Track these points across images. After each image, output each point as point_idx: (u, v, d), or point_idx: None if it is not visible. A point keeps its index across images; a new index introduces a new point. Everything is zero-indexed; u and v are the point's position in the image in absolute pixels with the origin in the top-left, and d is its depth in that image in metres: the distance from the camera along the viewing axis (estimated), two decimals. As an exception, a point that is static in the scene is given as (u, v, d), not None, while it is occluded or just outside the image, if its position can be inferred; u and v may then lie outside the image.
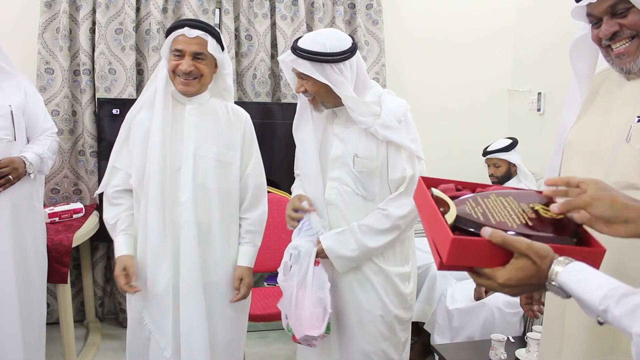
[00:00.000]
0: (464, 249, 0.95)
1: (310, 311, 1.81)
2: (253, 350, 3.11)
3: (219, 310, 2.02)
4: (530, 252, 0.92)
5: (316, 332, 1.79)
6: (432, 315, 2.86)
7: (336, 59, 1.80)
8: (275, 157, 3.31)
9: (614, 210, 0.98)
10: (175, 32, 1.92)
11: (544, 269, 0.92)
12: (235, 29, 3.43)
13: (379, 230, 1.85)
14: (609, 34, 1.24)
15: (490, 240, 0.94)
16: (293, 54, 1.83)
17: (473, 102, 3.93)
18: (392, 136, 1.84)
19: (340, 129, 1.92)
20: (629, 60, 1.25)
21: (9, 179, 2.24)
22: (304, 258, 1.85)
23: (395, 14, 3.75)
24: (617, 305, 0.82)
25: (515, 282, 0.93)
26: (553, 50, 3.52)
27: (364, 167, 1.87)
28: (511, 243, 0.93)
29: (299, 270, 1.86)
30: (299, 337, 1.83)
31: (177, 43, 1.91)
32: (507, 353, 2.28)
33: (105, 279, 3.47)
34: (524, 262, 0.92)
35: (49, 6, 3.17)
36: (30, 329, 2.41)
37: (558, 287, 0.91)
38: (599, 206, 0.99)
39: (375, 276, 1.92)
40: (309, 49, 1.80)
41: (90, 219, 3.02)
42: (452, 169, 3.64)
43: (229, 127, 2.03)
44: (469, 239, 0.96)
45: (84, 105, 3.25)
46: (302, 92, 1.88)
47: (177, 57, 1.91)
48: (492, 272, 0.95)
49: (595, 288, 0.86)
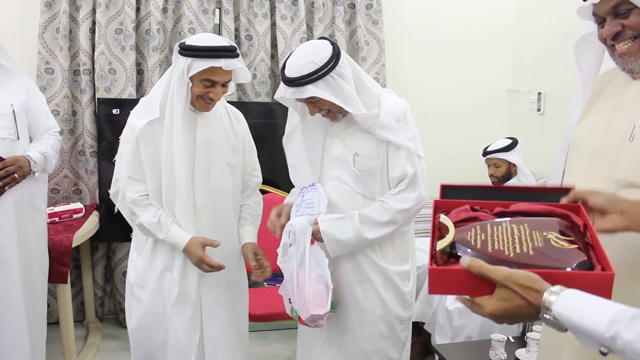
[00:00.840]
0: (444, 279, 0.92)
1: (313, 290, 1.78)
2: (253, 350, 3.11)
3: (235, 306, 2.10)
4: (508, 282, 0.88)
5: (322, 310, 1.77)
6: (432, 315, 2.86)
7: (331, 67, 1.76)
8: (275, 157, 3.29)
9: (609, 201, 1.03)
10: (208, 63, 1.83)
11: (533, 300, 0.86)
12: (235, 29, 3.43)
13: (377, 222, 1.84)
14: (611, 34, 1.24)
15: (468, 269, 0.91)
16: (291, 87, 1.78)
17: (473, 102, 3.93)
18: (390, 136, 1.83)
19: (340, 129, 1.92)
20: (632, 60, 1.25)
21: (15, 177, 2.25)
22: (300, 238, 1.82)
23: (395, 14, 3.75)
24: (628, 328, 0.76)
25: (501, 313, 0.89)
26: (553, 50, 3.52)
27: (364, 165, 1.87)
28: (487, 273, 0.89)
29: (297, 250, 1.83)
30: (306, 318, 1.80)
31: (212, 74, 1.85)
32: (507, 353, 2.28)
33: (105, 279, 3.47)
34: (505, 292, 0.88)
35: (49, 6, 3.17)
36: (32, 328, 2.42)
37: (553, 319, 0.84)
38: (597, 197, 1.05)
39: (375, 275, 1.92)
40: (305, 73, 1.75)
41: (90, 219, 3.02)
42: (452, 169, 3.65)
43: (232, 130, 2.07)
44: (447, 268, 0.94)
45: (84, 105, 3.25)
46: (318, 112, 1.84)
47: (207, 86, 1.87)
48: (480, 301, 0.92)
49: (598, 314, 0.79)
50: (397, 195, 1.85)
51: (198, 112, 1.97)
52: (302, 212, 1.86)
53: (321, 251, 1.84)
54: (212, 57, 1.83)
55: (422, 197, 1.86)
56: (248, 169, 2.13)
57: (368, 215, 1.84)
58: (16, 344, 2.33)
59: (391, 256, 1.94)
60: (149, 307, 2.00)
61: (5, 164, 2.23)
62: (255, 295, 2.83)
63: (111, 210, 3.13)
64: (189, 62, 1.84)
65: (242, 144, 2.09)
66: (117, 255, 3.40)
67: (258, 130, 2.12)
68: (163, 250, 1.98)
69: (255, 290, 2.96)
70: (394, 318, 1.94)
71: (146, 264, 2.00)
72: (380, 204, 1.86)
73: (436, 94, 3.84)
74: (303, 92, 1.77)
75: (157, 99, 1.93)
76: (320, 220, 1.84)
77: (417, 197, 1.85)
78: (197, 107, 1.93)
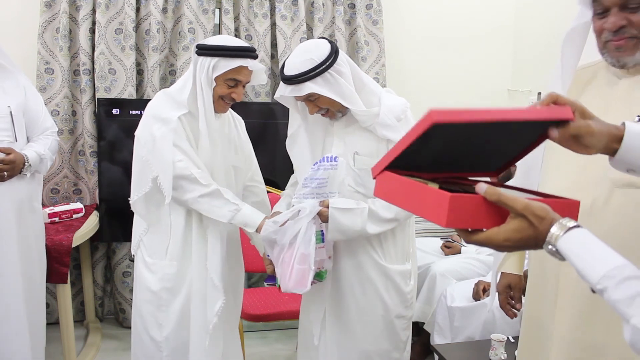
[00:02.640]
0: (461, 207, 0.87)
1: (297, 268, 1.77)
2: (253, 350, 3.11)
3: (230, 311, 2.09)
4: (527, 212, 0.85)
5: (301, 289, 1.78)
6: (432, 315, 2.86)
7: (329, 64, 1.77)
8: (276, 157, 3.30)
9: (596, 133, 0.97)
10: (235, 62, 1.85)
11: (543, 231, 0.85)
12: (235, 29, 3.43)
13: (383, 218, 1.85)
14: (614, 27, 1.19)
15: (485, 197, 0.87)
16: (290, 85, 1.79)
17: (473, 102, 3.93)
18: (391, 135, 1.83)
19: (340, 128, 1.92)
20: (627, 54, 1.22)
21: (3, 175, 2.23)
22: (303, 218, 1.80)
23: (395, 14, 3.75)
24: (616, 289, 0.78)
25: (512, 244, 0.87)
26: (553, 50, 3.50)
27: (364, 164, 1.87)
28: (506, 202, 0.86)
29: (294, 225, 1.80)
30: (284, 291, 1.81)
31: (238, 74, 1.87)
32: (507, 353, 2.27)
33: (105, 279, 3.47)
34: (521, 222, 0.86)
35: (49, 6, 3.17)
36: (34, 329, 2.42)
37: (555, 251, 0.85)
38: (587, 120, 0.98)
39: (376, 275, 1.92)
40: (303, 70, 1.76)
41: (90, 219, 3.02)
42: (452, 169, 3.65)
43: (237, 134, 2.10)
44: (466, 195, 0.89)
45: (83, 105, 3.25)
46: (317, 111, 1.85)
47: (231, 86, 1.89)
48: (489, 234, 0.88)
49: (596, 265, 0.81)
50: None
51: (215, 115, 1.97)
52: (312, 192, 1.83)
53: (313, 228, 1.80)
54: (240, 56, 1.84)
55: None
56: (249, 175, 2.15)
57: (376, 211, 1.84)
58: (19, 346, 2.32)
59: (392, 255, 1.94)
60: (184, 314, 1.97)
61: (4, 160, 2.22)
62: (255, 295, 2.83)
63: (111, 210, 3.17)
64: (215, 62, 1.84)
65: (243, 148, 2.12)
66: (117, 255, 3.40)
67: (258, 130, 2.14)
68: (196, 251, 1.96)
69: (255, 290, 2.96)
70: (395, 318, 1.94)
71: (177, 266, 1.96)
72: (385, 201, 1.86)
73: (436, 93, 3.84)
74: (301, 90, 1.77)
75: (184, 97, 1.90)
76: (332, 205, 1.82)
77: None
78: (217, 108, 1.93)
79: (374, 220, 1.84)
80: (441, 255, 3.21)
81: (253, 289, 2.99)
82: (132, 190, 1.96)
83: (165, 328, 1.97)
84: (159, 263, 1.97)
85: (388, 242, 1.93)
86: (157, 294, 1.97)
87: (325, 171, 1.83)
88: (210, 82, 1.87)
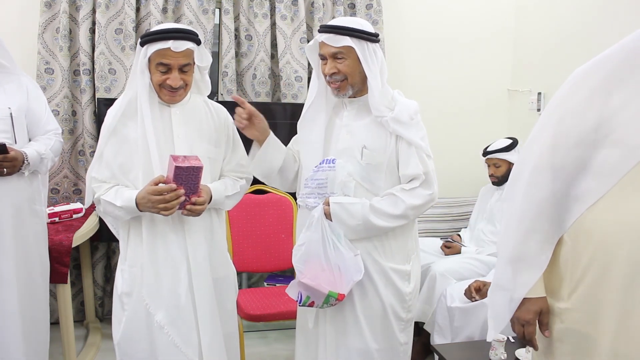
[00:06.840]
0: None
1: (346, 257, 1.86)
2: (253, 350, 3.11)
3: (222, 306, 2.03)
4: None
5: (359, 275, 1.86)
6: (432, 315, 2.86)
7: (372, 38, 1.84)
8: (275, 157, 3.30)
9: None
10: (156, 46, 1.81)
11: None
12: (235, 29, 3.43)
13: (389, 214, 1.86)
14: None
15: None
16: (330, 33, 1.83)
17: (473, 102, 3.93)
18: (403, 132, 1.86)
19: (350, 120, 1.92)
20: None
21: (2, 171, 2.21)
22: (315, 224, 1.86)
23: (395, 14, 3.75)
24: None
25: None
26: (553, 50, 3.52)
27: (372, 159, 1.88)
28: None
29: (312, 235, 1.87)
30: (346, 292, 1.86)
31: (162, 57, 1.82)
32: (507, 353, 2.27)
33: (105, 279, 3.47)
34: None
35: (49, 6, 3.17)
36: (33, 331, 2.41)
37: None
38: None
39: (375, 274, 1.92)
40: (349, 26, 1.82)
41: (90, 219, 3.02)
42: (452, 169, 3.65)
43: (213, 124, 2.02)
44: None
45: (84, 105, 3.25)
46: (333, 73, 1.85)
47: (163, 72, 1.84)
48: None
49: None
50: (411, 191, 1.87)
51: (172, 106, 1.93)
52: (313, 192, 1.90)
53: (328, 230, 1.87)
54: (159, 39, 1.82)
55: (434, 196, 1.90)
56: (232, 163, 2.06)
57: (379, 207, 1.86)
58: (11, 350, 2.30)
59: (392, 254, 1.94)
60: (135, 316, 1.93)
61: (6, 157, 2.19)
62: (255, 295, 2.83)
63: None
64: (145, 49, 1.85)
65: (223, 138, 2.03)
66: (117, 255, 3.39)
67: (258, 130, 2.11)
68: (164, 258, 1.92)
69: (255, 290, 2.96)
70: (393, 318, 1.94)
71: (136, 272, 1.92)
72: (394, 197, 1.86)
73: (436, 93, 3.84)
74: (339, 41, 1.82)
75: (127, 94, 1.92)
76: (332, 202, 1.87)
77: (430, 195, 1.88)
78: (163, 98, 1.90)
79: (377, 214, 1.85)
80: (441, 255, 3.21)
81: (253, 289, 2.99)
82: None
83: (119, 332, 1.98)
84: (120, 266, 1.97)
85: (390, 241, 1.93)
86: (120, 297, 1.97)
87: (324, 172, 1.88)
88: (143, 70, 1.85)
